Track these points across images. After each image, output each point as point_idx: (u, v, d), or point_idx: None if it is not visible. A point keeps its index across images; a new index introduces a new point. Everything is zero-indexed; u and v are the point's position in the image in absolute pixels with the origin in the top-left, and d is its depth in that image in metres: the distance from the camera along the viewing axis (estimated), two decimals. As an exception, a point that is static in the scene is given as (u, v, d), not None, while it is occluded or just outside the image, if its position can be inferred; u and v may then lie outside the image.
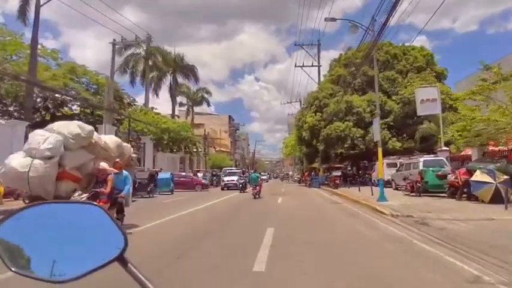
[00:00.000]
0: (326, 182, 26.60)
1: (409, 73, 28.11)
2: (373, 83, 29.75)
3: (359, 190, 17.72)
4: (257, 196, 16.21)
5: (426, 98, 17.30)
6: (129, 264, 0.78)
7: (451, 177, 12.34)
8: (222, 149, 62.25)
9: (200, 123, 61.66)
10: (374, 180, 23.15)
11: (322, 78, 33.29)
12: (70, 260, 0.77)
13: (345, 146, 24.65)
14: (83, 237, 0.79)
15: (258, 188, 16.66)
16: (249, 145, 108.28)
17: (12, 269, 0.75)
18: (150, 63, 36.07)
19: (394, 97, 26.33)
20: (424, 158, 15.55)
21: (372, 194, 14.60)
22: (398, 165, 20.53)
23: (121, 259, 0.78)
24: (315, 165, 35.25)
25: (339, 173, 23.48)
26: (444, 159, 15.30)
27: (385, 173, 20.93)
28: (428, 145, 24.09)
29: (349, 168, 38.76)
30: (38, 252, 0.76)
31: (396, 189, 17.96)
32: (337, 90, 27.97)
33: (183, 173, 25.29)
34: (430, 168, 13.77)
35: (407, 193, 14.60)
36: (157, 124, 27.97)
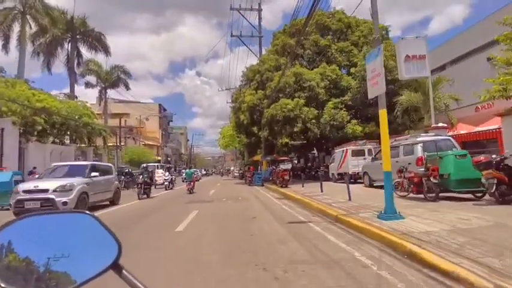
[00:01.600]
0: (271, 178, 20.57)
1: (364, 46, 23.28)
2: (325, 55, 24.65)
3: (321, 190, 11.75)
4: (191, 191, 16.34)
5: (412, 53, 11.97)
6: (124, 271, 0.77)
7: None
8: (149, 142, 52.95)
9: (124, 112, 51.84)
10: (333, 175, 17.72)
11: (264, 52, 27.09)
12: (64, 271, 0.74)
13: (295, 130, 18.73)
14: (75, 247, 0.77)
15: (192, 183, 16.89)
16: (188, 140, 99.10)
17: (2, 284, 0.72)
18: (32, 22, 25.99)
19: (352, 70, 21.21)
20: (422, 138, 10.05)
21: (350, 199, 8.68)
22: (367, 153, 15.14)
23: (116, 266, 0.77)
24: (257, 157, 29.14)
25: (288, 166, 17.42)
26: (452, 140, 10.04)
27: (349, 164, 15.54)
28: (400, 126, 19.44)
29: (296, 161, 33.60)
30: (29, 265, 0.73)
31: (371, 185, 12.43)
32: (283, 62, 21.94)
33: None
34: (450, 152, 8.21)
35: (403, 194, 8.91)
36: (28, 101, 18.85)
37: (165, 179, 20.89)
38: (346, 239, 4.98)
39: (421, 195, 8.19)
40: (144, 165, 30.71)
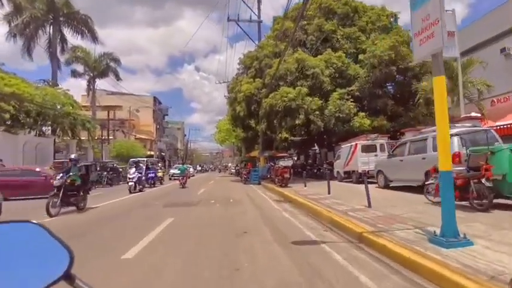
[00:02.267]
0: (269, 176, 18.59)
1: (373, 33, 21.19)
2: (330, 42, 22.57)
3: (329, 192, 9.77)
4: (184, 186, 17.52)
5: (440, 28, 9.96)
6: (76, 280, 0.73)
7: None
8: (142, 136, 50.78)
9: (117, 105, 49.58)
10: (338, 173, 15.75)
11: (263, 39, 24.91)
12: (10, 286, 0.68)
13: (297, 122, 16.68)
14: (21, 259, 0.71)
15: (185, 178, 18.34)
16: (185, 135, 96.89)
17: None
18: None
19: (360, 56, 19.14)
20: (458, 130, 8.04)
21: (370, 205, 6.73)
22: (379, 148, 13.19)
23: (68, 277, 0.73)
24: (254, 153, 27.12)
25: (289, 163, 15.26)
26: (493, 132, 8.06)
27: (359, 161, 13.56)
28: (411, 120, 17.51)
29: (296, 158, 31.60)
30: None
31: (386, 186, 10.46)
32: (283, 48, 19.82)
33: (30, 168, 14.62)
34: (505, 146, 6.20)
35: (437, 200, 6.89)
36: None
37: (129, 178, 15.09)
38: (394, 284, 2.98)
39: (465, 203, 6.21)
40: (135, 159, 28.79)
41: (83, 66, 33.89)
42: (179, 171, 20.88)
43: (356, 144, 13.37)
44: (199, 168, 58.10)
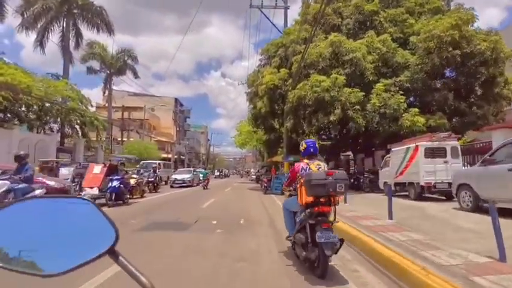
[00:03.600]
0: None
1: (423, 16, 17.42)
2: (371, 25, 18.97)
3: (390, 216, 6.34)
4: (206, 187, 20.59)
5: None
6: (120, 257, 0.78)
7: None
8: (161, 138, 49.00)
9: (138, 106, 48.29)
10: (386, 184, 12.13)
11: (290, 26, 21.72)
12: (61, 254, 0.75)
13: (331, 119, 13.27)
14: (73, 231, 0.78)
15: (206, 181, 21.69)
16: (208, 140, 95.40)
17: (0, 264, 0.73)
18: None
19: (412, 39, 15.46)
20: None
21: (504, 258, 3.19)
22: (450, 153, 9.56)
23: (112, 252, 0.78)
24: (277, 158, 23.88)
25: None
26: None
27: (422, 170, 9.94)
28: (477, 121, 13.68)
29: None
30: (27, 246, 0.74)
31: (476, 209, 6.85)
32: (314, 34, 16.54)
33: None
34: None
35: None
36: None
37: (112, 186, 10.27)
38: None
39: None
40: (144, 162, 26.37)
41: (99, 63, 32.39)
42: (189, 176, 23.68)
43: (417, 146, 9.78)
44: (217, 173, 52.69)
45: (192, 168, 27.32)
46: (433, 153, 9.62)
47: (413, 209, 7.81)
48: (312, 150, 4.14)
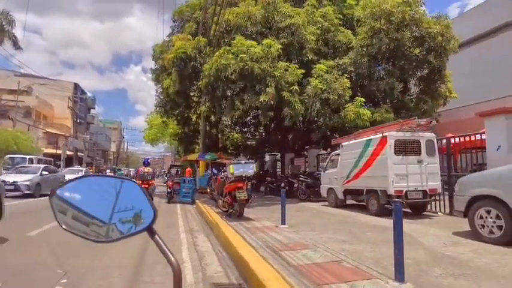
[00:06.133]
0: (209, 191, 11.01)
1: None
2: (307, 1, 15.89)
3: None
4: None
5: None
6: (156, 235, 0.89)
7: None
8: (54, 131, 39.55)
9: (23, 89, 37.90)
10: (330, 192, 8.96)
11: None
12: (111, 224, 0.88)
13: (261, 99, 9.52)
14: (122, 206, 0.89)
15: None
16: (123, 137, 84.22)
17: (63, 226, 0.88)
18: None
19: (358, 13, 12.97)
20: None
21: None
22: (425, 149, 6.66)
23: (150, 229, 0.89)
24: (192, 157, 19.46)
25: (248, 171, 7.30)
26: None
27: (391, 172, 6.81)
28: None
29: (249, 165, 24.43)
30: (85, 214, 0.87)
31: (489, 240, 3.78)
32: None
33: None
34: None
35: None
36: None
37: None
38: None
39: None
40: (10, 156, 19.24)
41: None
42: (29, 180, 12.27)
43: (385, 137, 6.68)
44: (108, 173, 33.11)
45: (82, 168, 20.89)
46: (404, 148, 6.66)
47: (381, 232, 4.53)
48: None
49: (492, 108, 6.59)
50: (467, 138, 6.91)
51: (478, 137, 6.67)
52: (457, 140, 7.30)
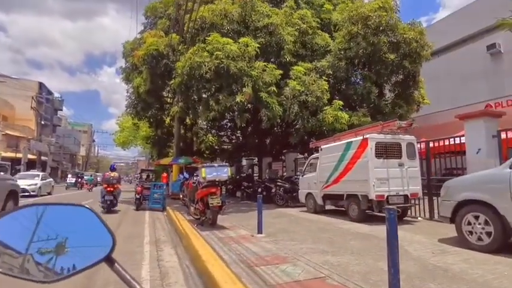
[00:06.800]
0: (181, 196, 10.33)
1: (340, 4, 15.44)
2: (285, 3, 15.59)
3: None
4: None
5: None
6: (115, 264, 0.77)
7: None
8: (14, 133, 36.88)
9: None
10: (309, 197, 8.60)
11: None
12: (59, 260, 0.74)
13: (237, 100, 9.03)
14: (72, 237, 0.76)
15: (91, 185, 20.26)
16: (94, 140, 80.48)
17: (0, 269, 0.73)
18: None
19: (335, 16, 12.92)
20: None
21: None
22: (405, 153, 6.48)
23: (109, 259, 0.77)
24: (166, 161, 18.59)
25: (222, 175, 6.80)
26: None
27: (372, 177, 6.51)
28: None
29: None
30: (26, 252, 0.74)
31: (503, 247, 3.53)
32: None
33: None
34: None
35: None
36: None
37: None
38: None
39: None
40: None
41: None
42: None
43: (366, 140, 6.41)
44: (70, 180, 28.10)
45: (39, 173, 19.31)
46: (385, 151, 6.42)
47: (371, 243, 4.18)
48: None
49: (471, 111, 6.51)
50: (446, 142, 6.79)
51: (452, 141, 6.58)
52: (432, 144, 7.19)
